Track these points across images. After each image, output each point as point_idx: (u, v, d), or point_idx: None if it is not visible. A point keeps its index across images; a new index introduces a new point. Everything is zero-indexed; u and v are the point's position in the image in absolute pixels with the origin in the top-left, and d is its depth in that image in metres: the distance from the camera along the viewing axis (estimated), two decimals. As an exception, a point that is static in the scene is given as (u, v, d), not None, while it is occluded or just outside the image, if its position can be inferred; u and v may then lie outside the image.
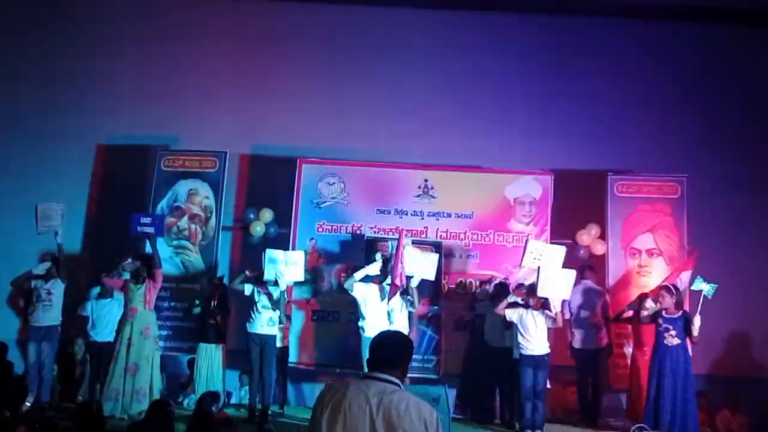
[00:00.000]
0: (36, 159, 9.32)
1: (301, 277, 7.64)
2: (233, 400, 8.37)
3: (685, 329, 6.96)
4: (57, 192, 8.53)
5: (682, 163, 8.88)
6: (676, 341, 6.90)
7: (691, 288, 7.20)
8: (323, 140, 9.20)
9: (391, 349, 3.02)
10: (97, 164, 9.53)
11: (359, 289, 7.31)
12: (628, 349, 8.15)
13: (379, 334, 3.14)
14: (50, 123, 9.43)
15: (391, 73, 9.46)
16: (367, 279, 7.45)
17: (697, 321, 6.89)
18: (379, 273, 7.40)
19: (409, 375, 8.13)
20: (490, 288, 8.04)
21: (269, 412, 7.35)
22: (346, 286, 7.41)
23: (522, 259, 7.64)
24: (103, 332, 7.67)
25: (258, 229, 8.73)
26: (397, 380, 2.92)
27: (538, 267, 7.29)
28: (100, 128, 9.49)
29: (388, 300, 7.18)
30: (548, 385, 7.34)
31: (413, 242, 8.00)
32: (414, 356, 8.16)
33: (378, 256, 7.55)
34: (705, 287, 7.06)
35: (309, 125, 9.25)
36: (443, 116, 9.36)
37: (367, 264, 7.59)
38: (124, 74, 9.55)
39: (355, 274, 7.37)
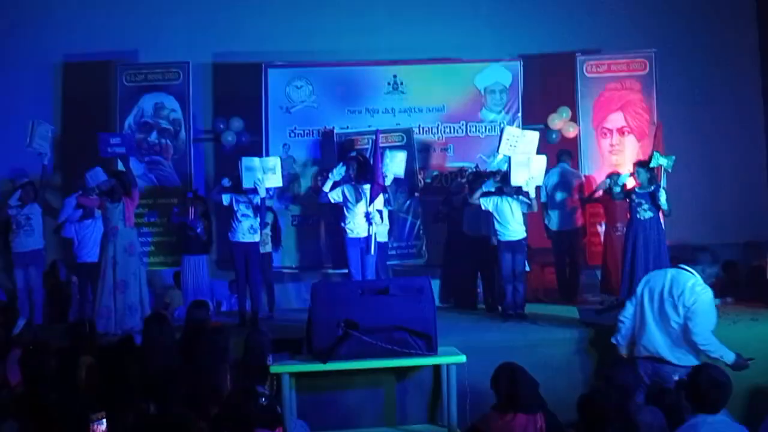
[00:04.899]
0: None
1: (279, 183, 7.63)
2: (224, 309, 8.53)
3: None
4: (20, 117, 8.27)
5: (650, 38, 8.81)
6: (648, 215, 7.06)
7: (650, 165, 7.09)
8: (287, 43, 8.98)
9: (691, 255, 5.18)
10: (56, 85, 9.25)
11: (337, 193, 7.34)
12: (602, 228, 8.37)
13: None
14: (2, 46, 9.06)
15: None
16: (344, 181, 7.43)
17: (662, 195, 6.94)
18: (342, 176, 7.37)
19: (397, 261, 8.36)
20: (463, 180, 8.13)
21: (259, 316, 7.53)
22: (328, 197, 7.42)
23: (499, 147, 7.66)
24: (89, 252, 7.68)
25: (229, 138, 8.64)
26: (690, 270, 4.96)
27: (509, 157, 7.31)
28: (56, 47, 9.14)
29: (371, 201, 7.23)
30: (527, 268, 7.54)
31: (384, 132, 7.97)
32: (399, 243, 8.38)
33: (340, 166, 7.46)
34: (663, 161, 7.05)
35: (271, 28, 9.00)
36: (408, 8, 9.14)
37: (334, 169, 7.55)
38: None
39: (324, 187, 7.41)
